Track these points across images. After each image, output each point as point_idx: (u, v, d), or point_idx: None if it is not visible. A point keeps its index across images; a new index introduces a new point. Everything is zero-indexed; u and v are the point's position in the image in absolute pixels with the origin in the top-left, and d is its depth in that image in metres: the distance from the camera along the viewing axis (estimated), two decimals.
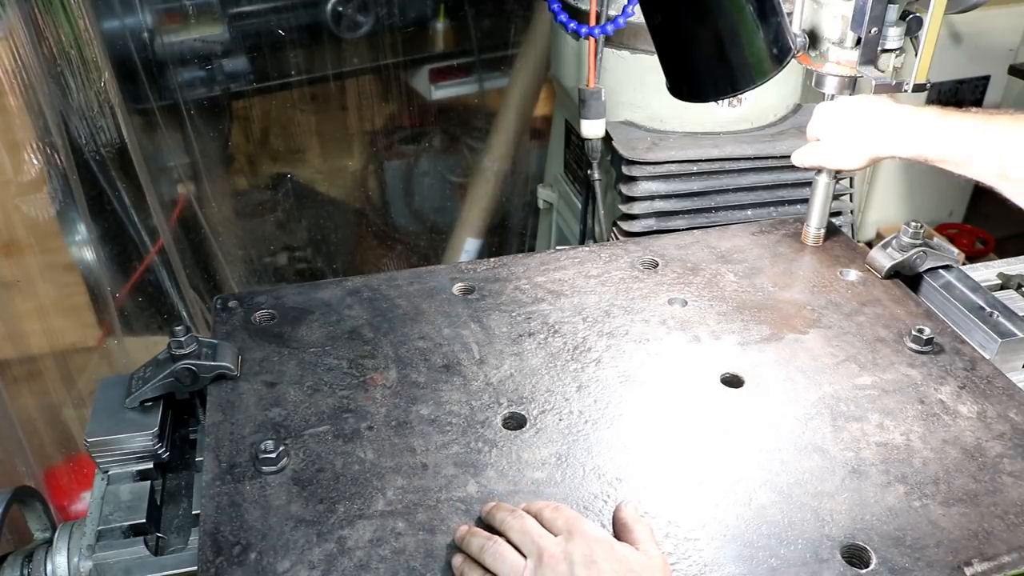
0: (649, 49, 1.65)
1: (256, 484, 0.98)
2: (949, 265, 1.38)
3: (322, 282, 1.37)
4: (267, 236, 2.82)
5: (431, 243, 2.99)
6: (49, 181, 2.01)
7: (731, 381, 1.15)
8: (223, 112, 2.55)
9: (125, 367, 2.22)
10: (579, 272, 1.39)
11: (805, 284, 1.36)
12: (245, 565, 0.88)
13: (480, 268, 1.40)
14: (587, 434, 1.05)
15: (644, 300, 1.32)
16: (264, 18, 2.45)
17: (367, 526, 0.92)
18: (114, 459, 1.08)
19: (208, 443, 1.04)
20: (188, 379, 1.12)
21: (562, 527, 0.85)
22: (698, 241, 1.49)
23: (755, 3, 1.11)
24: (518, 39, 2.68)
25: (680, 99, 1.25)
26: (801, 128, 1.52)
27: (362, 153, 2.86)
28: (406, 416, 1.08)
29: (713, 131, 1.81)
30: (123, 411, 1.10)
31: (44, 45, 1.97)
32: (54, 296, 2.12)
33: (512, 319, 1.27)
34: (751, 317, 1.28)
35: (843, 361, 1.18)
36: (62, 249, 2.13)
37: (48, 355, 2.13)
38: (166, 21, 2.33)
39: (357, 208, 2.94)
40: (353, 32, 2.55)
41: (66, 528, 1.03)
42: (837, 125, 1.31)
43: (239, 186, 2.77)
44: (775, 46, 1.13)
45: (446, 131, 2.92)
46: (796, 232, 1.49)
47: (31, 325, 2.07)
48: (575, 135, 2.00)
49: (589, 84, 1.79)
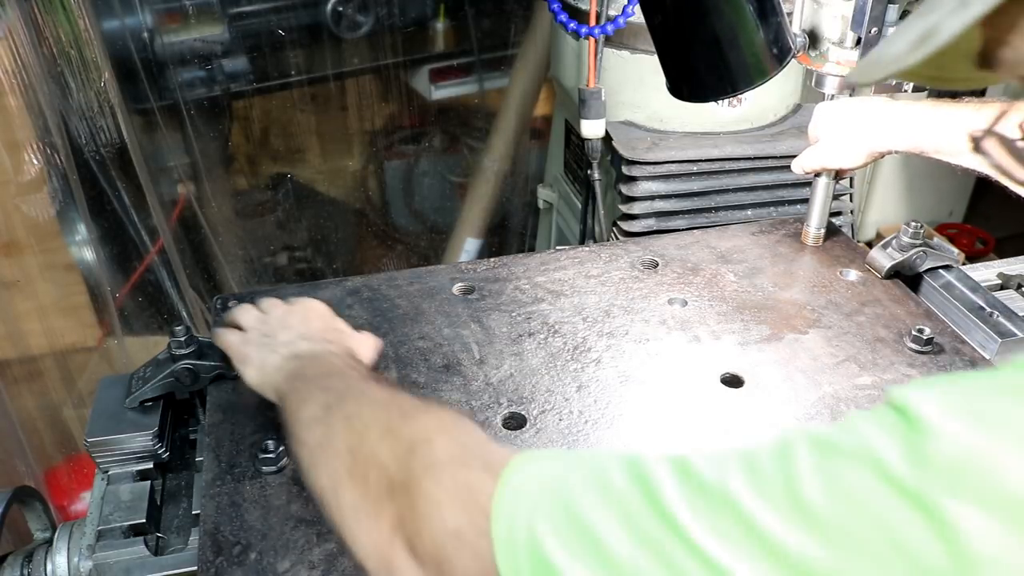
0: (649, 49, 1.65)
1: (256, 484, 0.98)
2: (949, 265, 1.38)
3: (322, 282, 1.37)
4: (267, 236, 2.82)
5: (431, 243, 2.99)
6: (49, 181, 2.01)
7: (731, 381, 1.15)
8: (223, 112, 2.55)
9: (125, 367, 2.22)
10: (579, 272, 1.39)
11: (805, 284, 1.36)
12: (245, 565, 0.88)
13: (480, 268, 1.40)
14: (587, 434, 1.05)
15: (644, 300, 1.32)
16: (264, 18, 2.44)
17: None
18: (114, 459, 1.08)
19: (208, 443, 1.04)
20: (188, 379, 1.12)
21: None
22: (698, 241, 1.49)
23: (755, 3, 1.11)
24: (518, 39, 2.68)
25: (680, 99, 1.25)
26: (801, 128, 1.52)
27: (362, 153, 2.86)
28: None
29: (713, 131, 1.81)
30: (123, 411, 1.10)
31: (44, 45, 1.97)
32: (54, 296, 2.11)
33: (512, 319, 1.27)
34: (751, 317, 1.28)
35: (843, 361, 1.18)
36: (62, 249, 2.13)
37: (48, 355, 2.13)
38: (166, 21, 2.33)
39: (357, 208, 2.94)
40: (353, 32, 2.55)
41: (66, 528, 1.03)
42: (836, 124, 1.31)
43: (239, 186, 2.77)
44: (775, 46, 1.13)
45: (446, 131, 2.92)
46: (796, 232, 1.49)
47: (31, 325, 2.07)
48: (575, 135, 2.00)
49: (589, 84, 1.79)
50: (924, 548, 0.39)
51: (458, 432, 0.65)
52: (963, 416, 0.41)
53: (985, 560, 0.37)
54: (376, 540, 0.62)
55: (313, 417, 0.76)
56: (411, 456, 0.63)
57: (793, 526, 0.43)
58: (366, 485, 0.65)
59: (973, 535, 0.38)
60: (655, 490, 0.49)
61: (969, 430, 0.40)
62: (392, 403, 0.73)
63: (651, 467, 0.51)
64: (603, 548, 0.49)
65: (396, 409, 0.71)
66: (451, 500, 0.58)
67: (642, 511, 0.49)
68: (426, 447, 0.63)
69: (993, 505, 0.38)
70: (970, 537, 0.38)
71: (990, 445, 0.39)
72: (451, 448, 0.62)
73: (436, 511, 0.58)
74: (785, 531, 0.43)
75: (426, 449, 0.63)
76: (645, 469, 0.51)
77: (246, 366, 0.99)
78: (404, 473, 0.62)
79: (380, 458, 0.65)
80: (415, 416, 0.68)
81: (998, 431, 0.39)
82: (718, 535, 0.45)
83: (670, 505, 0.48)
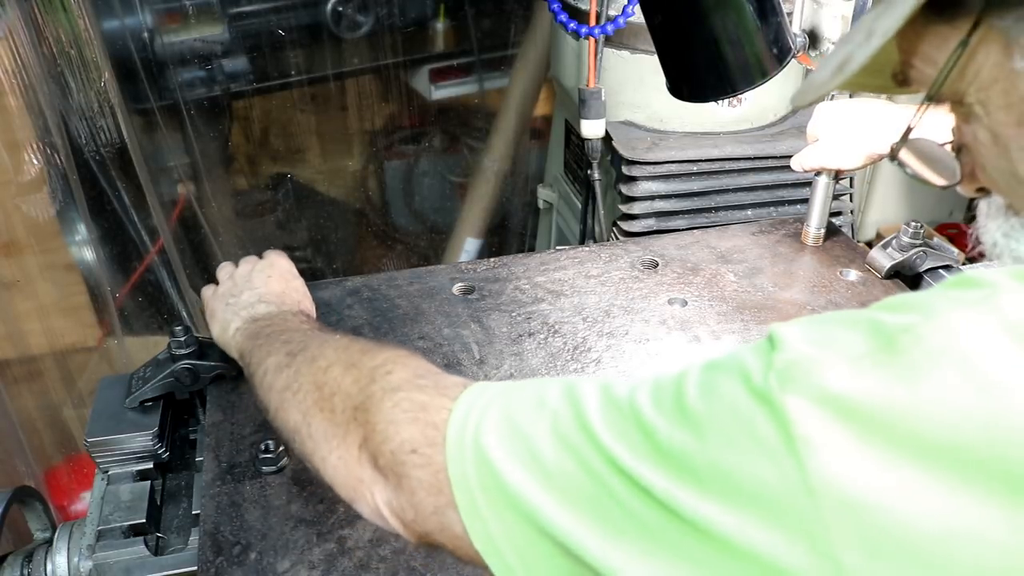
0: (649, 49, 1.65)
1: (256, 484, 0.98)
2: (949, 265, 1.38)
3: (322, 282, 1.37)
4: (267, 236, 2.82)
5: (431, 243, 2.99)
6: (49, 181, 2.01)
7: None
8: (223, 112, 2.55)
9: (125, 367, 2.22)
10: (579, 272, 1.39)
11: (805, 284, 1.36)
12: (245, 565, 0.88)
13: (480, 268, 1.40)
14: None
15: (644, 300, 1.32)
16: (264, 18, 2.44)
17: (367, 526, 0.92)
18: (114, 459, 1.08)
19: (208, 443, 1.04)
20: (188, 379, 1.12)
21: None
22: (698, 241, 1.49)
23: (755, 3, 1.11)
24: (518, 39, 2.68)
25: (680, 99, 1.25)
26: (801, 128, 1.52)
27: (362, 153, 2.86)
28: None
29: (713, 131, 1.81)
30: (123, 411, 1.11)
31: (44, 45, 1.97)
32: (54, 296, 2.11)
33: (512, 319, 1.27)
34: (751, 317, 1.28)
35: None
36: (62, 249, 2.13)
37: (48, 355, 2.13)
38: (166, 21, 2.33)
39: (357, 208, 2.94)
40: (353, 32, 2.55)
41: (66, 528, 1.03)
42: (837, 125, 1.31)
43: (239, 186, 2.77)
44: (775, 46, 1.13)
45: (446, 131, 2.92)
46: (796, 232, 1.49)
47: (31, 325, 2.07)
48: (575, 135, 2.00)
49: (589, 84, 1.79)
50: (765, 433, 0.48)
51: (414, 363, 0.73)
52: (805, 336, 0.51)
53: (807, 439, 0.47)
54: (345, 458, 0.70)
55: (278, 364, 0.85)
56: (371, 383, 0.71)
57: (677, 427, 0.52)
58: (333, 412, 0.73)
59: (799, 421, 0.47)
60: (580, 405, 0.58)
61: (805, 344, 0.50)
62: (352, 344, 0.81)
63: (581, 388, 0.60)
64: (535, 450, 0.57)
65: (356, 347, 0.79)
66: (407, 418, 0.66)
67: (568, 421, 0.58)
68: (385, 375, 0.71)
69: (814, 397, 0.47)
70: (796, 422, 0.47)
71: (816, 353, 0.49)
72: (407, 374, 0.70)
73: (394, 428, 0.66)
74: (670, 431, 0.52)
75: (385, 376, 0.71)
76: (577, 390, 0.60)
77: (212, 322, 1.10)
78: (365, 398, 0.70)
79: (344, 388, 0.73)
80: (375, 352, 0.75)
81: (826, 347, 0.50)
82: (624, 441, 0.54)
83: (589, 417, 0.57)
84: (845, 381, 0.47)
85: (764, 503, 0.48)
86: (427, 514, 0.63)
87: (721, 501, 0.49)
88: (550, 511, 0.55)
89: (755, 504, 0.48)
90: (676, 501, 0.50)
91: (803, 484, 0.46)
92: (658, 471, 0.51)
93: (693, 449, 0.51)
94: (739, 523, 0.48)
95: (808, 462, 0.46)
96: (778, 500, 0.47)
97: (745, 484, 0.48)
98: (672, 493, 0.50)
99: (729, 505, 0.49)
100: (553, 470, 0.56)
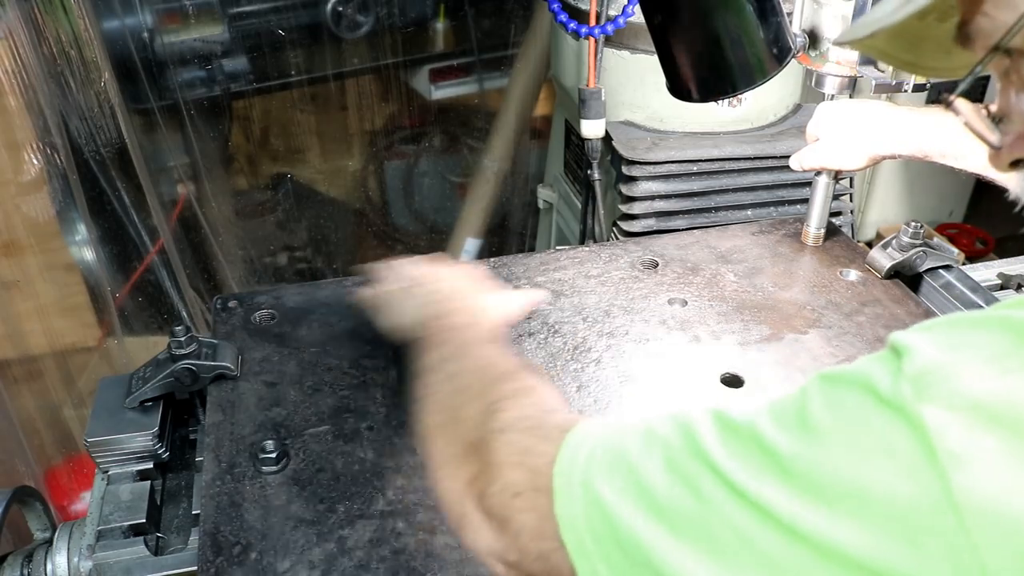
0: (649, 49, 1.65)
1: (256, 484, 0.98)
2: (949, 265, 1.38)
3: (322, 282, 1.37)
4: (267, 236, 2.82)
5: (431, 243, 2.99)
6: (49, 181, 2.01)
7: (731, 381, 1.15)
8: (223, 112, 2.55)
9: (125, 367, 2.22)
10: (579, 272, 1.39)
11: (805, 284, 1.36)
12: (245, 565, 0.88)
13: (480, 268, 1.40)
14: None
15: (644, 300, 1.32)
16: (264, 18, 2.44)
17: (367, 526, 0.92)
18: (114, 459, 1.08)
19: (208, 443, 1.04)
20: (188, 379, 1.12)
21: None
22: (698, 241, 1.49)
23: (755, 3, 1.11)
24: (518, 39, 2.68)
25: (680, 99, 1.25)
26: (801, 128, 1.52)
27: (362, 153, 2.86)
28: (406, 416, 1.08)
29: (713, 131, 1.81)
30: (123, 411, 1.10)
31: (44, 45, 1.97)
32: (54, 296, 2.11)
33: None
34: (751, 317, 1.28)
35: (843, 361, 1.18)
36: (62, 249, 2.13)
37: (48, 355, 2.13)
38: (166, 21, 2.33)
39: (357, 208, 2.94)
40: (353, 32, 2.55)
41: (66, 528, 1.03)
42: (837, 125, 1.31)
43: (239, 186, 2.77)
44: (775, 46, 1.13)
45: (446, 131, 2.92)
46: (796, 232, 1.49)
47: (31, 325, 2.07)
48: (575, 135, 2.00)
49: (589, 84, 1.79)
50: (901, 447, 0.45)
51: (527, 400, 0.72)
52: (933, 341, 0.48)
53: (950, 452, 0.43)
54: (454, 491, 0.70)
55: (430, 365, 0.84)
56: (487, 420, 0.70)
57: (801, 443, 0.49)
58: (453, 441, 0.73)
59: (938, 431, 0.44)
60: (693, 432, 0.55)
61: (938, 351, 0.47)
62: (488, 368, 0.80)
63: (692, 416, 0.58)
64: (645, 483, 0.55)
65: (489, 374, 0.78)
66: (512, 462, 0.65)
67: (681, 452, 0.55)
68: (499, 413, 0.70)
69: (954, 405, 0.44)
70: (936, 433, 0.44)
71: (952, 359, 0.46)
72: (516, 414, 0.70)
73: (499, 472, 0.66)
74: (794, 448, 0.49)
75: (497, 415, 0.70)
76: (687, 419, 0.58)
77: (387, 311, 1.06)
78: (479, 436, 0.70)
79: (466, 418, 0.73)
80: (499, 383, 0.75)
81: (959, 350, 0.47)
82: (745, 463, 0.51)
83: (704, 443, 0.54)
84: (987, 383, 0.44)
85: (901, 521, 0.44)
86: (531, 558, 0.62)
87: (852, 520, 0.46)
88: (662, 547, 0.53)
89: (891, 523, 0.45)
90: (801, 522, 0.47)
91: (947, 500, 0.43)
92: (783, 491, 0.48)
93: (821, 465, 0.48)
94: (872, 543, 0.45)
95: (953, 476, 0.43)
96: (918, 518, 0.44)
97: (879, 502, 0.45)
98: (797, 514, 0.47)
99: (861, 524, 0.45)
100: (665, 503, 0.53)
